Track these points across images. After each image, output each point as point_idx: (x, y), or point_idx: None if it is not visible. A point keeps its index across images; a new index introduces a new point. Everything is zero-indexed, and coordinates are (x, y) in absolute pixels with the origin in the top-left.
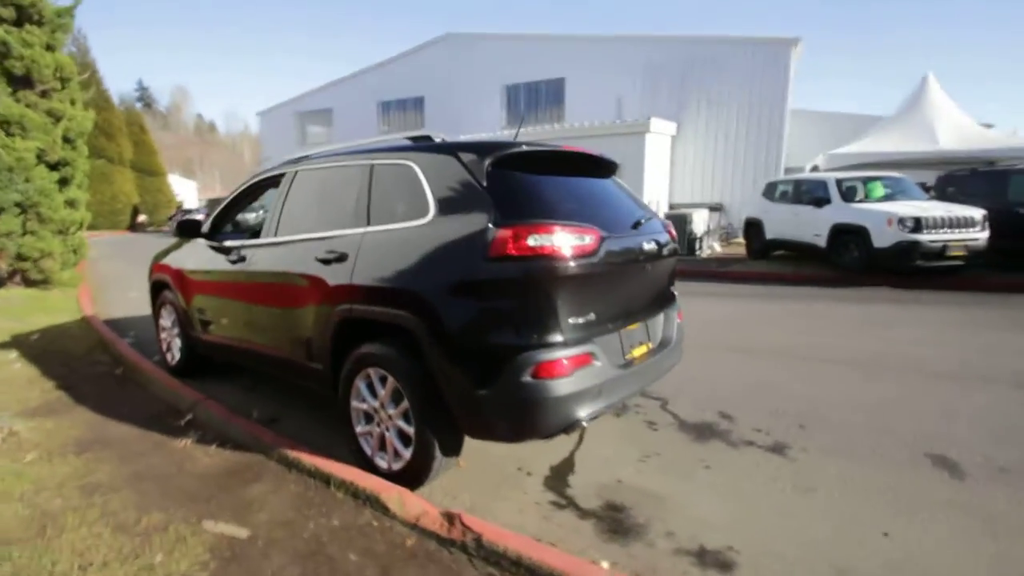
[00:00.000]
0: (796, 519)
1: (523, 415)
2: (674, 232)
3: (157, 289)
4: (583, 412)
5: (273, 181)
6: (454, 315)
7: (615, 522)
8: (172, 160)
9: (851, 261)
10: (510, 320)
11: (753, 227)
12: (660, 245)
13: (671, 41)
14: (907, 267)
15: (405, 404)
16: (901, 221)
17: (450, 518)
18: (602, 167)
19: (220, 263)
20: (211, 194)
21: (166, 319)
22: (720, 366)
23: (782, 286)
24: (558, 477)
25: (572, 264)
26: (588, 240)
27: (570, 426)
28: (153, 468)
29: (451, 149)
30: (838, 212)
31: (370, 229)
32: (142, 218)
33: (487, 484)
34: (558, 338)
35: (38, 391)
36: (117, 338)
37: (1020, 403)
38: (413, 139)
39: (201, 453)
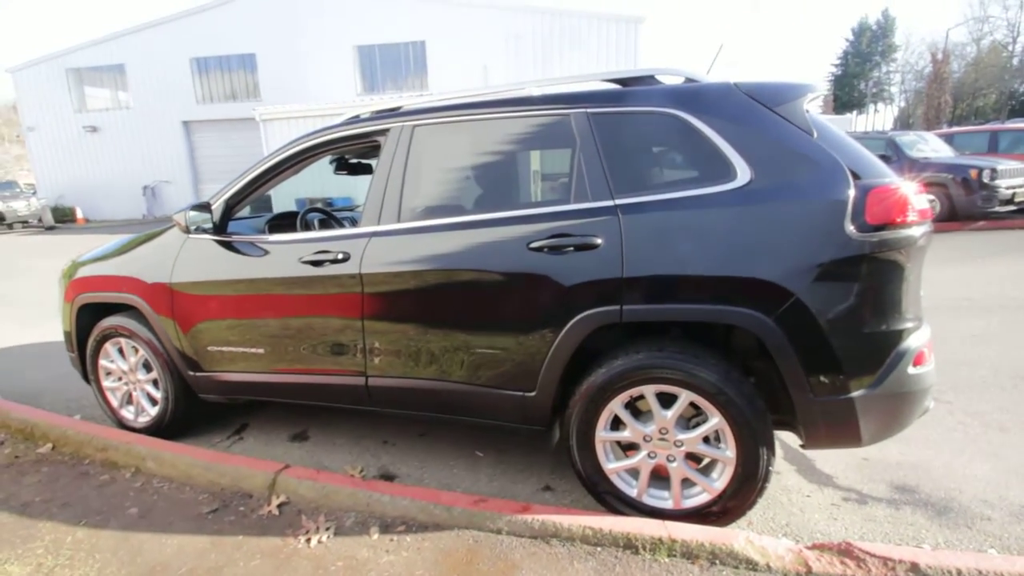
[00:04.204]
0: None
1: (901, 412)
2: None
3: (89, 317)
4: (931, 397)
5: (346, 144)
6: (823, 305)
7: (926, 504)
8: None
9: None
10: (888, 302)
11: None
12: None
13: (534, 11)
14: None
15: (711, 424)
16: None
17: (846, 552)
18: None
19: (273, 268)
20: None
21: (120, 361)
22: None
23: None
24: (807, 468)
25: (930, 228)
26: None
27: (922, 415)
28: None
29: (747, 93)
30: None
31: (627, 202)
32: None
33: None
34: (920, 318)
35: None
36: None
37: None
38: (620, 81)
39: (367, 551)
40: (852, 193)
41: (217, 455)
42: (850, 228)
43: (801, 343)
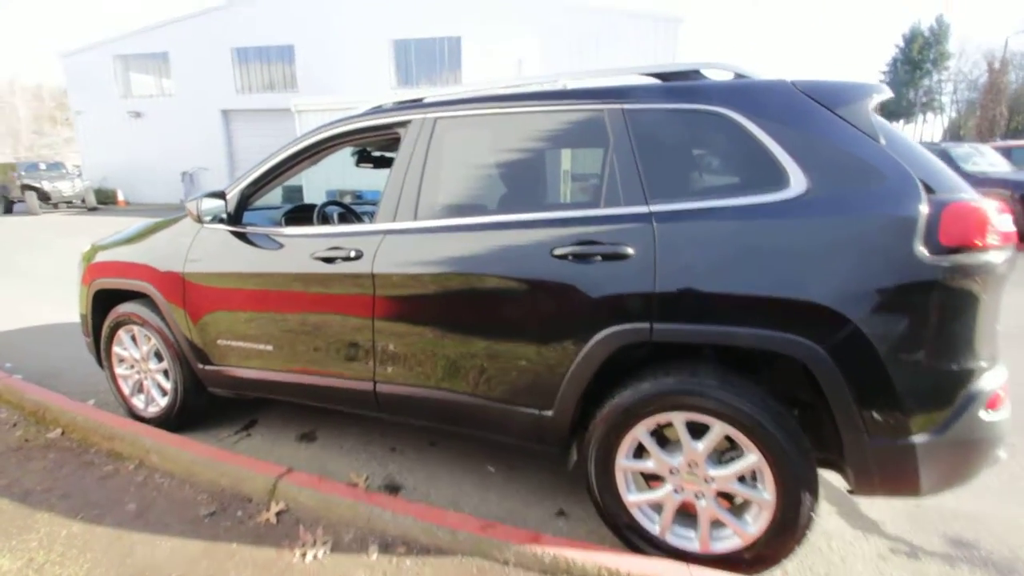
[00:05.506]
0: None
1: (968, 462)
2: None
3: (105, 302)
4: (1005, 447)
5: (367, 136)
6: (884, 335)
7: (986, 563)
8: None
9: None
10: (960, 336)
11: None
12: None
13: (571, 8)
14: None
15: (748, 462)
16: None
17: None
18: None
19: (284, 262)
20: None
21: (132, 349)
22: None
23: None
24: (851, 512)
25: (1013, 254)
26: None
27: (991, 466)
28: None
29: (806, 92)
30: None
31: (663, 209)
32: None
33: None
34: (995, 356)
35: None
36: (7, 376)
37: None
38: (661, 76)
39: (363, 572)
40: (924, 209)
41: (220, 453)
42: (920, 249)
43: (857, 377)
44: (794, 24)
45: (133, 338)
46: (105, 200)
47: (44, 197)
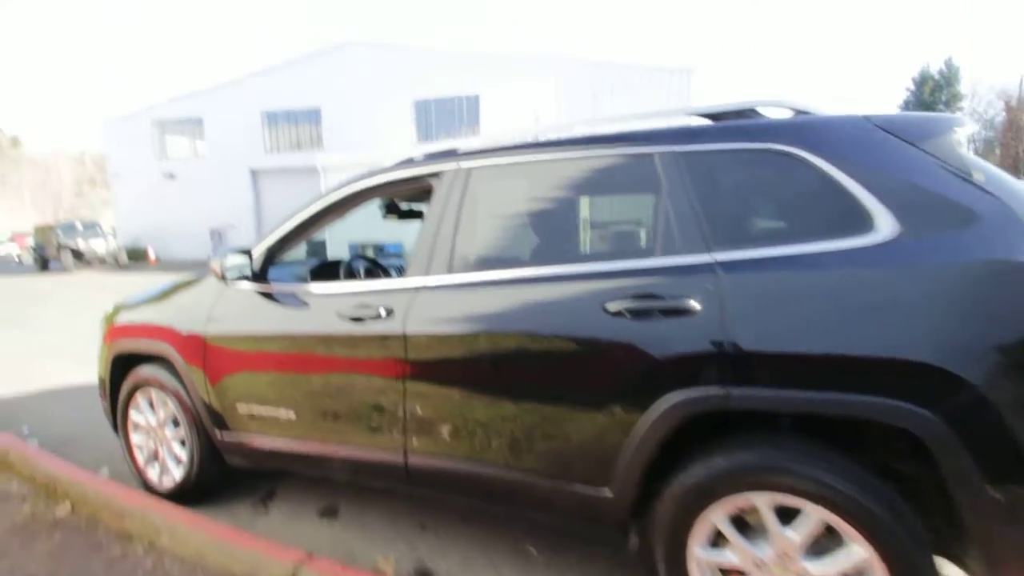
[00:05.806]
0: None
1: None
2: None
3: (123, 365)
4: None
5: (398, 188)
6: (1009, 399)
7: None
8: None
9: None
10: None
11: None
12: None
13: (585, 64)
14: None
15: (854, 555)
16: None
17: None
18: None
19: (309, 322)
20: (20, 221)
21: (148, 413)
22: None
23: None
24: None
25: None
26: None
27: None
28: None
29: (882, 127)
30: None
31: (730, 258)
32: None
33: None
34: None
35: None
36: (22, 444)
37: None
38: (712, 116)
39: None
40: None
41: (234, 534)
42: None
43: (982, 450)
44: (802, 69)
45: (151, 403)
46: (136, 257)
47: (78, 255)
